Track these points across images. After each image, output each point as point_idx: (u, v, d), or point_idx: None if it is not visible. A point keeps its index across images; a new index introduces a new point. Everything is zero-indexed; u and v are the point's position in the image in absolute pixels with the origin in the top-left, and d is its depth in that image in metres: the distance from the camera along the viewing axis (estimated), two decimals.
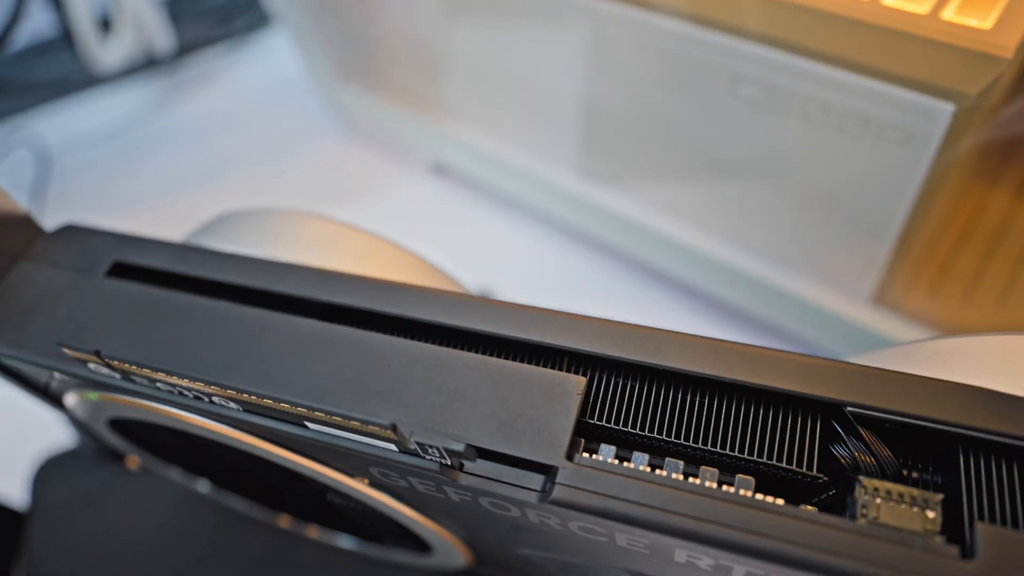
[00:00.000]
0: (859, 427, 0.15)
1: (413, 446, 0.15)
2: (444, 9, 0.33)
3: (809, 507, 0.14)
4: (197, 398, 0.18)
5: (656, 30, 0.26)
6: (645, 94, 0.29)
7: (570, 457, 0.15)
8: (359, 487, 0.19)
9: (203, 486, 0.26)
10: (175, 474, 0.26)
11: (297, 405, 0.16)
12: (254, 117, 0.45)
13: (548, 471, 0.15)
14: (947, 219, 0.29)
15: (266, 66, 0.47)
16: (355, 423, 0.15)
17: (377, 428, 0.15)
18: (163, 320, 0.18)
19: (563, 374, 0.16)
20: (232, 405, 0.17)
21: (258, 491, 0.25)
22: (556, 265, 0.37)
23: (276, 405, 0.16)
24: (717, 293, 0.34)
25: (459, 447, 0.15)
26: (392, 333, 0.18)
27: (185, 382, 0.17)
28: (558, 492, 0.15)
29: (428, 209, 0.39)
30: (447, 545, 0.22)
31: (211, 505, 0.30)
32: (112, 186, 0.42)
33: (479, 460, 0.16)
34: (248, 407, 0.17)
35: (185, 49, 0.46)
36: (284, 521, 0.26)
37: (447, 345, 0.17)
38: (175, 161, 0.43)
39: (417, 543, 0.24)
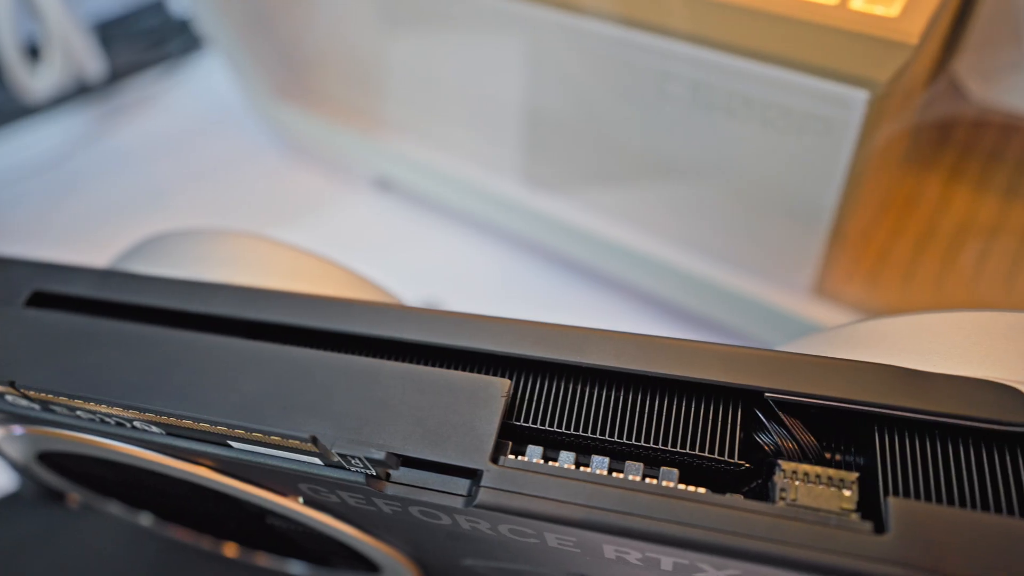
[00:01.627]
0: (781, 413, 0.16)
1: (336, 458, 0.15)
2: (379, 22, 0.33)
3: (736, 495, 0.15)
4: (119, 424, 0.17)
5: (584, 34, 0.26)
6: (580, 99, 0.29)
7: (495, 460, 0.15)
8: (293, 506, 0.18)
9: (145, 519, 0.25)
10: (116, 508, 0.25)
11: (216, 424, 0.15)
12: (192, 141, 0.44)
13: (473, 475, 0.15)
14: (881, 207, 0.30)
15: (202, 88, 0.46)
16: (276, 438, 0.15)
17: (298, 442, 0.15)
18: (83, 347, 0.18)
19: (488, 378, 0.16)
20: (154, 429, 0.17)
21: (199, 520, 0.24)
22: (504, 274, 0.37)
23: (195, 425, 0.16)
24: (662, 293, 0.34)
25: (380, 456, 0.15)
26: (318, 347, 0.18)
27: (104, 408, 0.16)
28: (483, 495, 0.15)
29: (372, 225, 0.39)
30: (393, 563, 0.22)
31: (159, 541, 0.29)
32: (49, 218, 0.41)
33: (406, 469, 0.16)
34: (170, 430, 0.17)
35: (118, 74, 0.45)
36: (230, 550, 0.26)
37: (373, 356, 0.17)
38: (113, 189, 0.43)
39: (364, 563, 0.23)
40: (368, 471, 0.15)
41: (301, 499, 0.18)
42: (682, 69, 0.24)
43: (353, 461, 0.15)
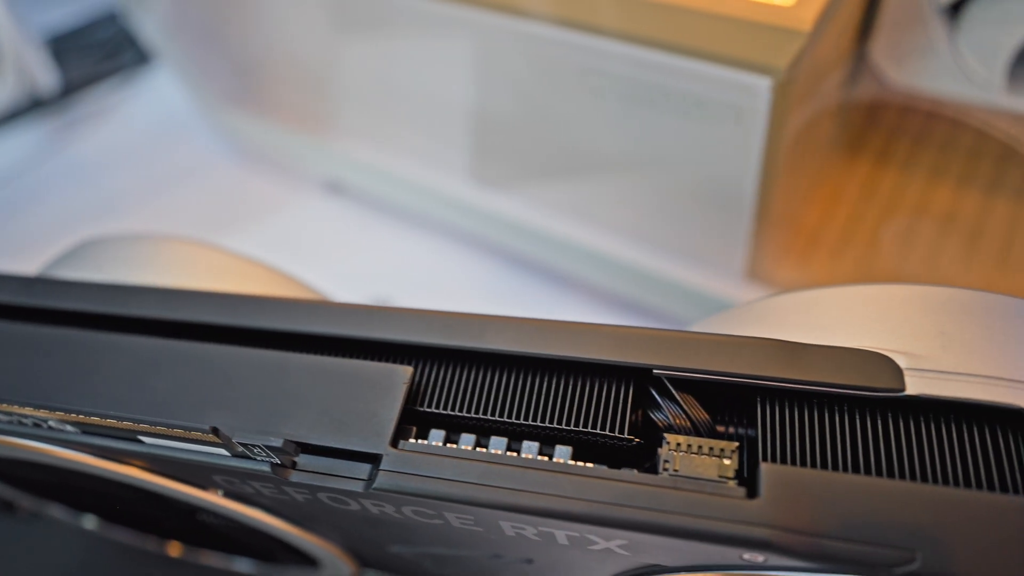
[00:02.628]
0: (674, 390, 0.16)
1: (240, 448, 0.16)
2: (326, 29, 0.34)
3: (623, 469, 0.15)
4: (36, 425, 0.18)
5: (515, 34, 0.27)
6: (518, 99, 0.29)
7: (395, 444, 0.16)
8: (215, 499, 0.19)
9: (89, 522, 0.26)
10: (59, 512, 0.25)
11: (122, 419, 0.16)
12: (146, 151, 0.44)
13: (375, 460, 0.16)
14: (810, 190, 0.31)
15: (156, 99, 0.46)
16: (179, 431, 0.15)
17: (200, 434, 0.15)
18: (2, 352, 0.18)
19: (391, 366, 0.17)
20: (69, 428, 0.17)
21: (138, 520, 0.25)
22: (453, 272, 0.37)
23: (104, 422, 0.16)
24: (606, 284, 0.34)
25: (278, 443, 0.15)
26: (233, 343, 0.18)
27: (16, 409, 0.17)
28: (381, 479, 0.15)
29: (324, 227, 0.40)
30: (328, 555, 0.22)
31: (111, 548, 0.29)
32: (4, 231, 0.42)
33: (311, 457, 0.16)
34: (84, 428, 0.17)
35: (72, 88, 0.46)
36: (175, 550, 0.26)
37: (285, 349, 0.18)
38: (68, 202, 0.43)
39: (303, 557, 0.24)
40: (272, 460, 0.16)
41: (220, 492, 0.19)
42: (602, 64, 0.25)
43: (255, 450, 0.16)
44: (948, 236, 0.29)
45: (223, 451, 0.16)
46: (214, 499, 0.19)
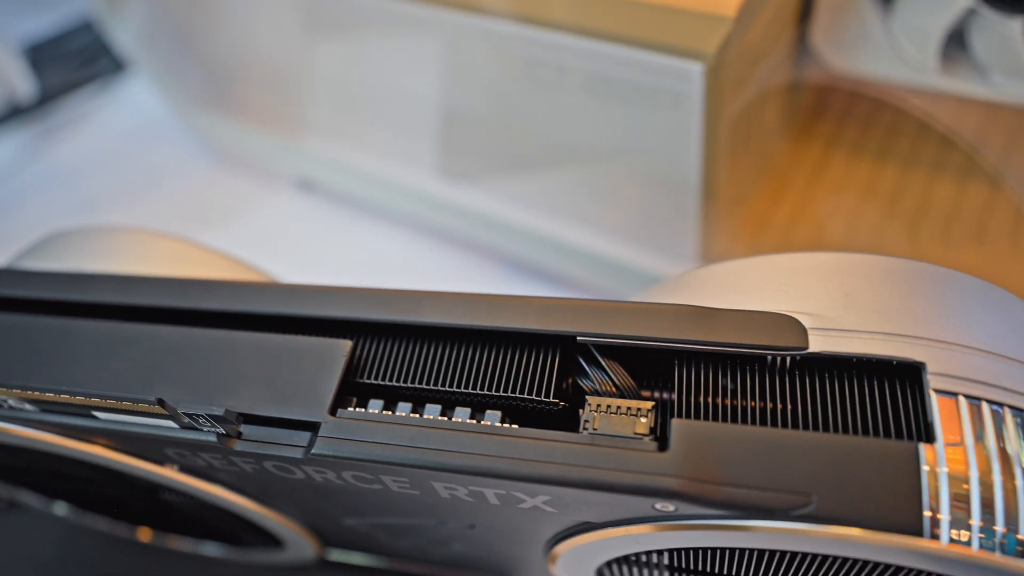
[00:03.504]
0: (599, 356, 0.17)
1: (187, 420, 0.17)
2: (293, 32, 0.35)
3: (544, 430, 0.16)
4: None
5: (466, 29, 0.27)
6: (474, 94, 0.30)
7: (333, 412, 0.16)
8: (172, 475, 0.20)
9: (60, 509, 0.26)
10: (32, 500, 0.26)
11: (75, 394, 0.17)
12: (123, 155, 0.45)
13: (315, 428, 0.16)
14: (759, 175, 0.31)
15: (132, 105, 0.47)
16: (127, 404, 0.16)
17: (146, 405, 0.16)
18: None
19: (332, 340, 0.17)
20: (28, 407, 0.18)
21: (107, 504, 0.25)
22: (422, 263, 0.38)
23: (59, 398, 0.17)
24: (569, 272, 0.35)
25: (219, 412, 0.16)
26: (185, 325, 0.19)
27: None
28: (319, 445, 0.16)
29: (296, 224, 0.40)
30: (289, 533, 0.23)
31: (89, 536, 0.30)
32: None
33: (255, 427, 0.17)
34: (42, 406, 0.18)
35: (50, 95, 0.46)
36: (145, 535, 0.27)
37: (234, 329, 0.18)
38: (49, 205, 0.44)
39: (267, 538, 0.24)
40: (217, 430, 0.17)
41: (176, 467, 0.19)
42: (548, 56, 0.26)
43: (200, 420, 0.16)
44: (892, 216, 0.30)
45: (171, 423, 0.17)
46: (171, 474, 0.20)
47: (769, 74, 0.26)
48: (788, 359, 0.16)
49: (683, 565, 0.18)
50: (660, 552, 0.17)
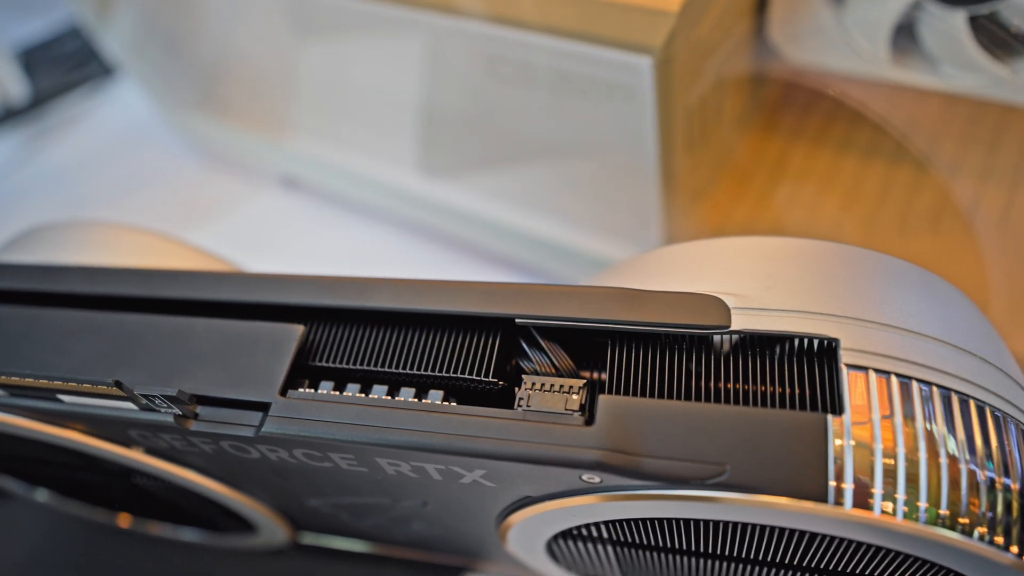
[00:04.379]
0: (540, 338, 0.18)
1: (144, 401, 0.17)
2: (277, 35, 0.36)
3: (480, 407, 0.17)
4: None
5: (433, 29, 0.28)
6: (447, 92, 0.31)
7: (284, 393, 0.17)
8: (139, 457, 0.21)
9: (42, 496, 0.27)
10: (14, 487, 0.27)
11: (38, 378, 0.18)
12: (114, 156, 0.46)
13: (266, 408, 0.17)
14: (721, 167, 0.32)
15: (123, 107, 0.48)
16: (87, 386, 0.17)
17: (105, 387, 0.17)
18: None
19: (285, 325, 0.18)
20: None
21: (85, 490, 0.26)
22: (401, 257, 0.39)
23: (23, 382, 0.18)
24: (545, 266, 0.36)
25: (173, 392, 0.17)
26: (149, 312, 0.20)
27: None
28: (268, 423, 0.17)
29: (281, 221, 0.41)
30: (260, 517, 0.24)
31: (77, 523, 0.31)
32: None
33: (211, 408, 0.18)
34: (10, 390, 0.19)
35: (42, 98, 0.47)
36: (124, 521, 0.28)
37: (195, 316, 0.19)
38: (42, 205, 0.45)
39: (241, 523, 0.25)
40: (174, 411, 0.18)
41: (142, 449, 0.20)
42: (508, 52, 0.27)
43: (157, 402, 0.17)
44: (852, 206, 0.30)
45: (130, 405, 0.18)
46: (139, 457, 0.20)
47: (724, 66, 0.27)
48: (712, 337, 0.16)
49: (622, 538, 0.19)
50: (598, 525, 0.18)
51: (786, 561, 0.17)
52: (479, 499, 0.18)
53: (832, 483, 0.14)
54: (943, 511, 0.14)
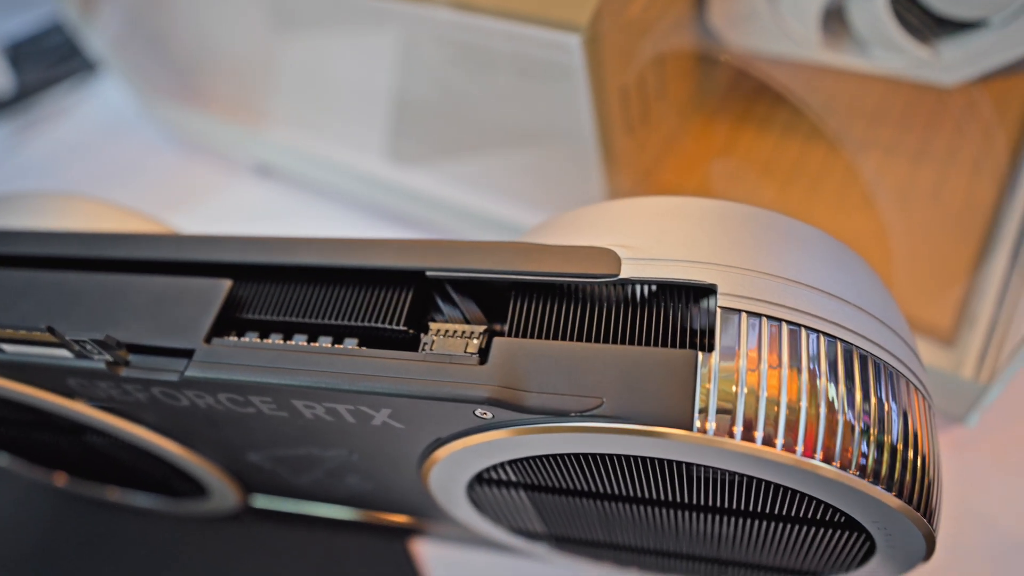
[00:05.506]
0: (452, 292, 0.19)
1: (77, 348, 0.19)
2: (250, 27, 0.37)
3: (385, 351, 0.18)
4: None
5: (386, 15, 0.29)
6: (408, 80, 0.32)
7: (208, 341, 0.18)
8: (83, 409, 0.22)
9: (3, 460, 0.29)
10: None
11: None
12: (98, 147, 0.48)
13: (191, 354, 0.18)
14: (668, 148, 0.33)
15: (106, 100, 0.50)
16: (23, 333, 0.18)
17: (39, 333, 0.18)
18: None
19: (214, 280, 0.19)
20: None
21: (39, 451, 0.27)
22: None
23: None
24: None
25: (101, 337, 0.18)
26: (92, 271, 0.21)
27: None
28: (191, 368, 0.18)
29: (255, 206, 0.43)
30: (209, 476, 0.25)
31: (42, 491, 0.32)
32: None
33: (141, 356, 0.19)
34: None
35: (28, 91, 0.49)
36: (60, 479, 0.29)
37: (133, 274, 0.20)
38: None
39: (191, 483, 0.26)
40: (105, 357, 0.19)
41: (85, 400, 0.21)
42: (445, 32, 0.28)
43: (89, 347, 0.18)
44: (792, 184, 0.31)
45: (65, 352, 0.19)
46: (83, 408, 0.22)
47: (661, 47, 0.28)
48: (604, 284, 0.17)
49: (527, 480, 0.20)
50: (503, 466, 0.19)
51: (677, 500, 0.18)
52: (396, 444, 0.19)
53: (698, 413, 0.15)
54: (788, 439, 0.15)
